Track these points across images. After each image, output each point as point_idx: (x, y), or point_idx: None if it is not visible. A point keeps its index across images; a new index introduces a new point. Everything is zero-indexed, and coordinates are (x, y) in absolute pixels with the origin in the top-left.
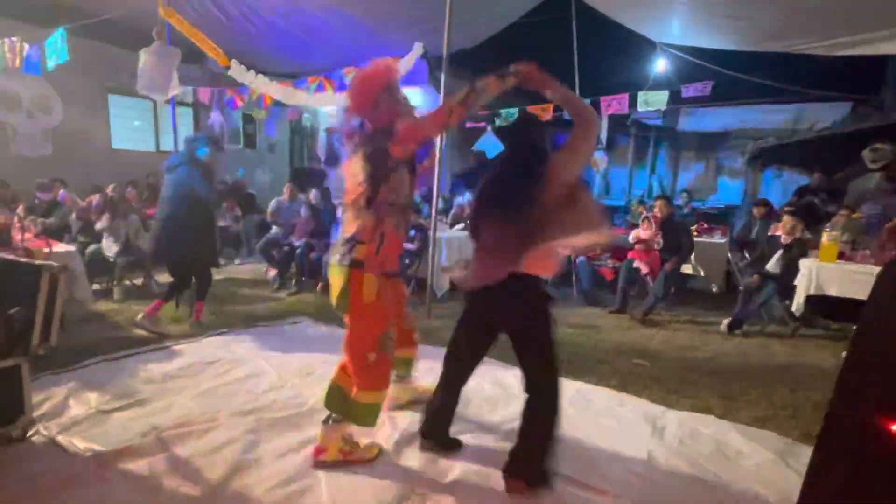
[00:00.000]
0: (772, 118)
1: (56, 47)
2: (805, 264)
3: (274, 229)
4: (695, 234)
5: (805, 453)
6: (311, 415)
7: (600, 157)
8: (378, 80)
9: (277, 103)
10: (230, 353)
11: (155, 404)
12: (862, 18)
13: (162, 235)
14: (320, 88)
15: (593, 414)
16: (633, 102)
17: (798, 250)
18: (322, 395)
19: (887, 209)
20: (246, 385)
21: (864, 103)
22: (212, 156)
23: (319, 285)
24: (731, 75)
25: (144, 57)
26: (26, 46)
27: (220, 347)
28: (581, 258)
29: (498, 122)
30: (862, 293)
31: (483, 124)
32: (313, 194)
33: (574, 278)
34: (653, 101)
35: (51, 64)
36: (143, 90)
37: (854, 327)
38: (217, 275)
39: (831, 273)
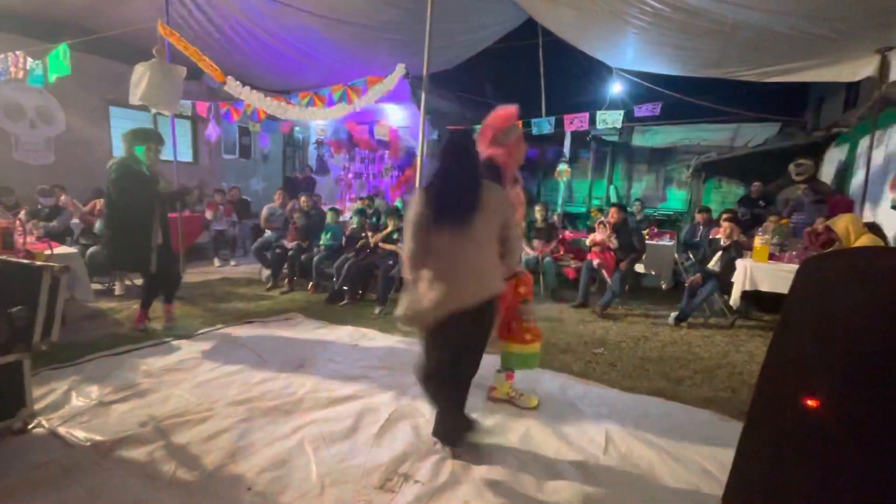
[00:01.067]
0: (713, 136)
1: (58, 61)
2: (741, 264)
3: (267, 233)
4: (647, 237)
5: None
6: (301, 404)
7: (564, 169)
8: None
9: (271, 117)
10: (225, 346)
11: (153, 396)
12: (786, 51)
13: (105, 243)
14: (311, 104)
15: (557, 396)
16: (592, 120)
17: (735, 251)
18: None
19: (810, 216)
20: (240, 377)
21: (790, 124)
22: (152, 153)
23: (311, 285)
24: (678, 97)
25: (147, 72)
26: (30, 60)
27: (216, 342)
28: (547, 258)
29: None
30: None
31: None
32: (303, 200)
33: (541, 277)
34: (610, 120)
35: (53, 77)
36: (147, 103)
37: None
38: (214, 275)
39: (763, 271)
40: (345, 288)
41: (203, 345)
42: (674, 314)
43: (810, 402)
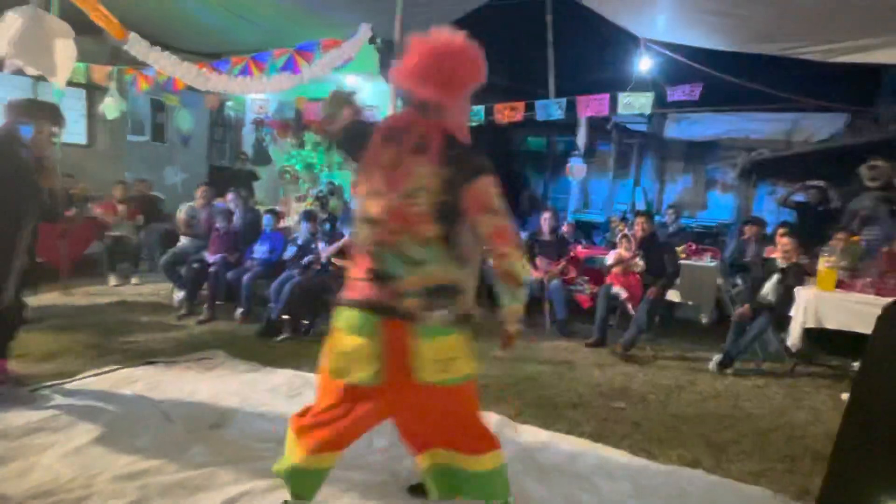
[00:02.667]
0: (766, 128)
1: None
2: (802, 293)
3: (182, 241)
4: (682, 255)
5: None
6: (214, 477)
7: (578, 166)
8: (480, 69)
9: (192, 88)
10: (116, 397)
11: (9, 466)
12: (858, 24)
13: None
14: (245, 72)
15: (566, 468)
16: (614, 104)
17: (794, 277)
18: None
19: (886, 231)
20: (133, 440)
21: (860, 116)
22: (44, 137)
23: (238, 311)
24: (722, 79)
25: (18, 20)
26: None
27: (103, 391)
28: (554, 282)
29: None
30: (862, 326)
31: None
32: (230, 198)
33: (547, 306)
34: (636, 104)
35: None
36: (20, 59)
37: (855, 364)
38: (107, 297)
39: (829, 304)
40: (285, 317)
41: (83, 395)
42: (717, 357)
43: None
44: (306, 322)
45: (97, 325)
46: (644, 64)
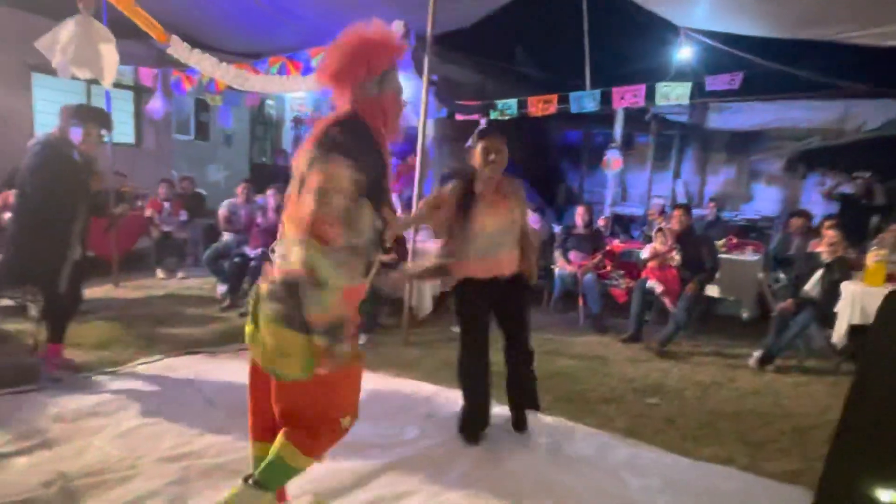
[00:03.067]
0: (814, 116)
1: None
2: (848, 288)
3: (225, 236)
4: (722, 249)
5: None
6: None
7: (615, 158)
8: (382, 49)
9: (233, 87)
10: (162, 384)
11: (64, 447)
12: None
13: (8, 244)
14: (282, 71)
15: (595, 461)
16: (651, 95)
17: (840, 271)
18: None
19: None
20: (177, 425)
21: None
22: (92, 139)
23: None
24: (766, 66)
25: (70, 29)
26: None
27: (151, 378)
28: (588, 276)
29: (493, 115)
30: None
31: (476, 116)
32: (270, 193)
33: (580, 301)
34: (674, 94)
35: None
36: (73, 65)
37: None
38: (156, 290)
39: (877, 299)
40: None
41: (132, 382)
42: (757, 353)
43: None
44: None
45: (146, 316)
46: (683, 53)
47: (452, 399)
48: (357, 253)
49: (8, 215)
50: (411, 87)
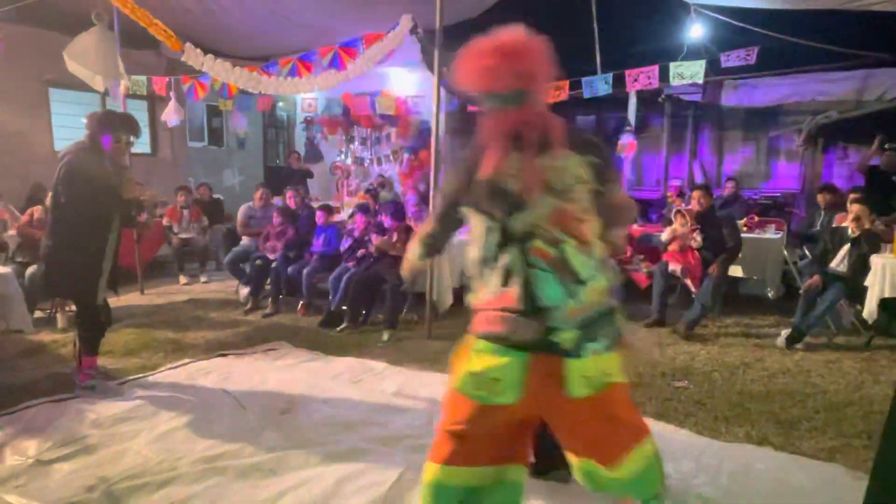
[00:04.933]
0: (833, 88)
1: None
2: (877, 262)
3: (245, 240)
4: (744, 228)
5: None
6: (287, 460)
7: (630, 142)
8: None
9: (245, 92)
10: (192, 388)
11: (103, 452)
12: None
13: (44, 258)
14: (293, 72)
15: None
16: (664, 75)
17: (868, 245)
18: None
19: None
20: (211, 426)
21: None
22: (121, 146)
23: (300, 305)
24: (781, 39)
25: (86, 42)
26: None
27: (181, 382)
28: (611, 262)
29: None
30: None
31: None
32: (290, 196)
33: None
34: (688, 73)
35: None
36: (96, 75)
37: None
38: (179, 296)
39: None
40: (343, 308)
41: (164, 386)
42: (785, 332)
43: None
44: (363, 312)
45: (172, 321)
46: (695, 31)
47: None
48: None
49: (34, 230)
50: (421, 81)
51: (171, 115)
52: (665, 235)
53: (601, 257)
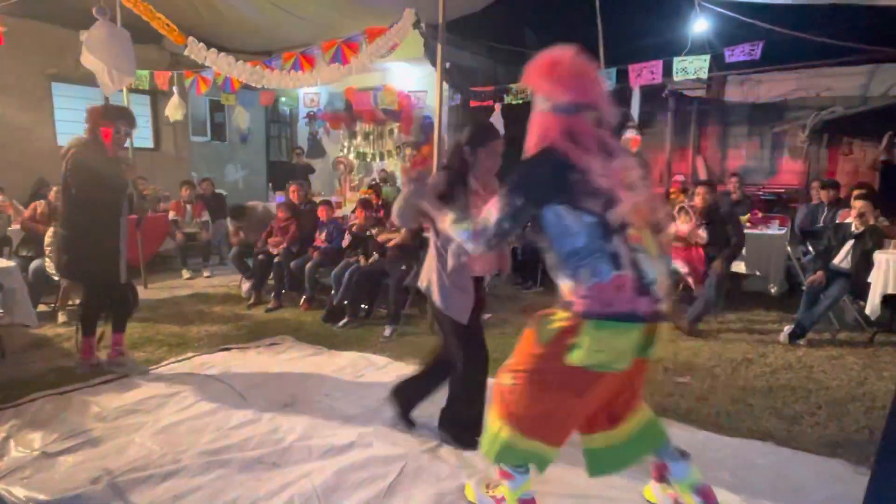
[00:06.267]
0: (838, 83)
1: None
2: (881, 258)
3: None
4: (747, 224)
5: None
6: (290, 453)
7: (633, 138)
8: None
9: (247, 87)
10: (196, 381)
11: (107, 445)
12: None
13: (64, 248)
14: (296, 67)
15: None
16: (668, 70)
17: (872, 241)
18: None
19: None
20: (214, 419)
21: None
22: (120, 136)
23: (303, 300)
24: (786, 34)
25: (94, 39)
26: None
27: (184, 376)
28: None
29: (507, 99)
30: None
31: (490, 102)
32: (292, 190)
33: None
34: (692, 69)
35: None
36: (117, 73)
37: None
38: (182, 290)
39: None
40: (346, 303)
41: (167, 380)
42: (788, 328)
43: None
44: (365, 307)
45: (175, 315)
46: (700, 26)
47: None
48: None
49: (37, 224)
50: (424, 76)
51: (173, 109)
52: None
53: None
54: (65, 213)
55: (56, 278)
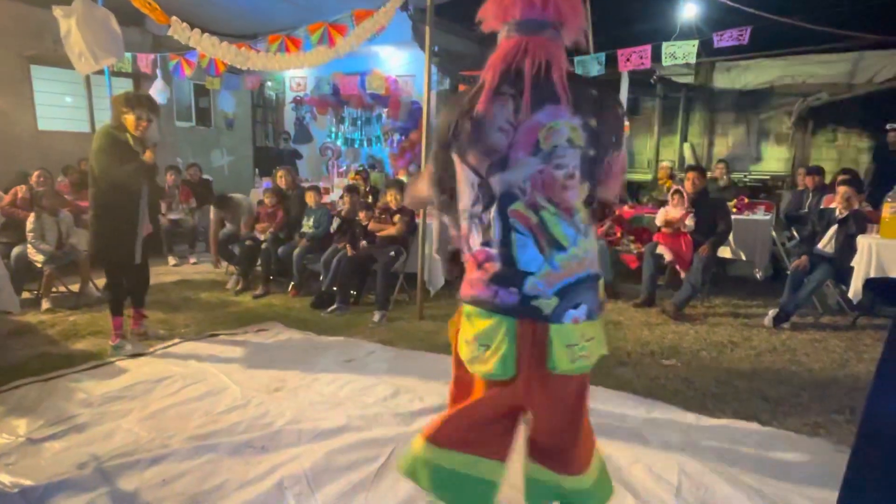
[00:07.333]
0: (824, 70)
1: None
2: (864, 242)
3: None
4: (733, 210)
5: None
6: (279, 437)
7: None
8: None
9: (232, 70)
10: (183, 367)
11: (94, 430)
12: None
13: (91, 226)
14: (282, 50)
15: (614, 423)
16: (657, 56)
17: (855, 225)
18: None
19: None
20: (202, 404)
21: None
22: (143, 122)
23: (291, 286)
24: (773, 20)
25: (72, 21)
26: None
27: (172, 362)
28: (600, 243)
29: None
30: None
31: None
32: (280, 176)
33: None
34: (680, 54)
35: None
36: (108, 56)
37: None
38: (168, 277)
39: (893, 251)
40: (334, 289)
41: (154, 366)
42: (772, 312)
43: None
44: (354, 293)
45: (162, 302)
46: (688, 11)
47: None
48: None
49: (17, 210)
50: (412, 60)
51: (156, 93)
52: (659, 219)
53: (585, 225)
54: (92, 196)
55: (39, 265)
